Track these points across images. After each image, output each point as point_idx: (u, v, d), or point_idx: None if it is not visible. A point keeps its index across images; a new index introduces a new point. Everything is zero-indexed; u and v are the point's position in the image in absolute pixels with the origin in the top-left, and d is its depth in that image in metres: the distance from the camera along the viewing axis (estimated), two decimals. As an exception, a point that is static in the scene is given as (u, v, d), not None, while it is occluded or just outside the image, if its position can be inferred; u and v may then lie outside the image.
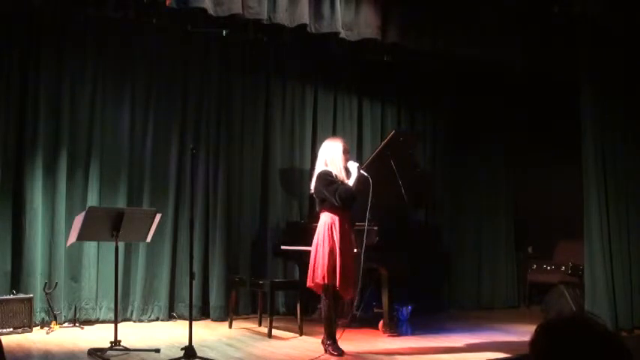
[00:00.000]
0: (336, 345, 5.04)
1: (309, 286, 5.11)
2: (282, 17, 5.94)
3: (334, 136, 6.17)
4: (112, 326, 5.08)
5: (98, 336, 5.61)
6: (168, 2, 5.52)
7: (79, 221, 4.99)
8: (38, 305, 6.01)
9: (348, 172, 5.13)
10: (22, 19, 6.21)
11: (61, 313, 6.15)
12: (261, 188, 7.28)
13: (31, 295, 5.90)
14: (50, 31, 6.32)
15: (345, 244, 5.00)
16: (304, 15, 6.00)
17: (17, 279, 6.04)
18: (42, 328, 5.96)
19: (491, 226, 8.41)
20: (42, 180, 6.15)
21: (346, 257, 4.99)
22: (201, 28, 6.51)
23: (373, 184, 5.07)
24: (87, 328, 6.12)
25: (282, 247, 6.69)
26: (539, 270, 8.06)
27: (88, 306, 6.34)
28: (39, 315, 6.04)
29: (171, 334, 5.91)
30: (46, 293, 6.05)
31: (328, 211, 5.06)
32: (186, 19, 6.38)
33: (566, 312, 6.34)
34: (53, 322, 5.99)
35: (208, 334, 5.99)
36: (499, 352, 5.21)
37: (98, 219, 5.03)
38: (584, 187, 6.32)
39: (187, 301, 5.47)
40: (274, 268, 7.17)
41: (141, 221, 5.25)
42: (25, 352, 5.04)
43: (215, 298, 6.83)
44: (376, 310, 6.66)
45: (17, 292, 5.88)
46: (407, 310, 6.78)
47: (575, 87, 6.43)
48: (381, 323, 6.11)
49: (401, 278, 6.21)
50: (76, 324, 6.15)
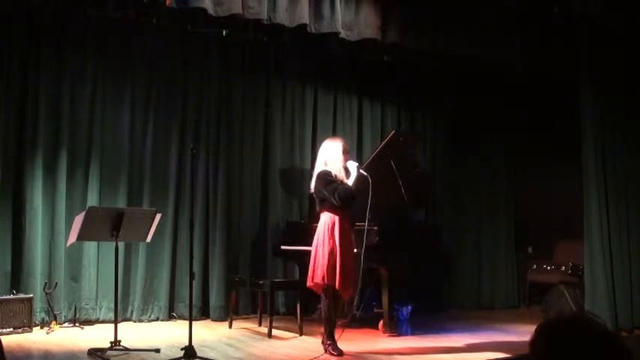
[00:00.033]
0: (336, 345, 5.04)
1: (309, 286, 5.11)
2: (282, 17, 5.94)
3: (334, 136, 6.18)
4: (112, 326, 5.08)
5: (98, 336, 5.61)
6: (168, 2, 5.52)
7: (79, 221, 4.99)
8: (38, 305, 6.01)
9: (347, 171, 5.13)
10: (22, 19, 6.21)
11: (61, 313, 6.15)
12: (261, 188, 7.28)
13: (31, 295, 5.90)
14: (50, 31, 6.32)
15: (345, 244, 5.00)
16: (304, 15, 6.00)
17: (17, 279, 6.04)
18: (42, 328, 5.96)
19: (491, 226, 8.41)
20: (42, 180, 6.15)
21: (346, 257, 4.98)
22: (201, 28, 6.51)
23: (373, 184, 5.07)
24: (87, 328, 6.12)
25: (282, 247, 6.69)
26: (539, 270, 8.06)
27: (88, 306, 6.34)
28: (39, 315, 6.04)
29: (171, 334, 5.91)
30: (46, 293, 6.05)
31: (328, 211, 5.06)
32: (186, 19, 6.38)
33: (566, 312, 6.34)
34: (53, 322, 5.99)
35: (208, 334, 5.99)
36: (499, 352, 5.21)
37: (98, 219, 5.03)
38: (584, 187, 6.33)
39: (187, 301, 5.47)
40: (274, 268, 7.17)
41: (141, 221, 5.25)
42: (25, 352, 5.04)
43: (215, 298, 6.83)
44: (376, 310, 6.66)
45: (17, 292, 5.88)
46: (407, 310, 6.78)
47: (575, 87, 6.43)
48: (381, 323, 6.10)
49: (401, 278, 6.21)
50: (76, 324, 6.15)
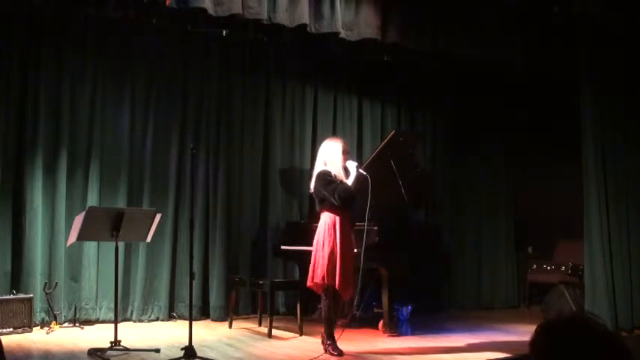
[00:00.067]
0: (336, 345, 5.04)
1: (309, 286, 5.11)
2: (282, 17, 5.94)
3: (334, 136, 6.17)
4: (112, 326, 5.08)
5: (98, 336, 5.61)
6: (168, 2, 5.52)
7: (79, 221, 4.99)
8: (38, 305, 6.01)
9: (347, 171, 5.13)
10: (22, 19, 6.21)
11: (61, 313, 6.15)
12: (261, 188, 7.28)
13: (31, 295, 5.90)
14: (50, 31, 6.32)
15: (345, 244, 5.00)
16: (304, 15, 6.00)
17: (17, 279, 6.04)
18: (42, 328, 5.96)
19: (491, 226, 8.41)
20: (42, 180, 6.15)
21: (346, 257, 4.98)
22: (201, 28, 6.51)
23: (373, 184, 5.06)
24: (87, 328, 6.12)
25: (282, 247, 6.69)
26: (539, 270, 8.06)
27: (88, 306, 6.34)
28: (39, 315, 6.04)
29: (171, 334, 5.91)
30: (46, 293, 6.05)
31: (328, 211, 5.06)
32: (186, 19, 6.38)
33: (566, 312, 6.34)
34: (53, 322, 5.99)
35: (208, 334, 5.99)
36: (499, 352, 5.21)
37: (98, 219, 5.03)
38: (584, 187, 6.32)
39: (187, 301, 5.47)
40: (274, 268, 7.17)
41: (141, 221, 5.25)
42: (25, 352, 5.04)
43: (215, 298, 6.83)
44: (376, 310, 6.66)
45: (17, 292, 5.88)
46: (407, 310, 6.78)
47: (575, 87, 6.43)
48: (381, 323, 6.10)
49: (401, 278, 6.21)
50: (76, 324, 6.15)
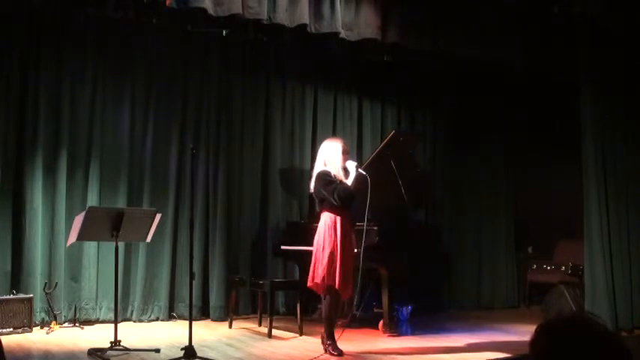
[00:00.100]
0: (336, 345, 5.04)
1: (310, 285, 5.11)
2: (282, 17, 5.94)
3: (334, 137, 6.18)
4: (112, 326, 5.08)
5: (98, 336, 5.60)
6: (168, 2, 5.52)
7: (79, 221, 4.99)
8: (38, 305, 6.01)
9: (346, 171, 5.14)
10: (22, 19, 6.20)
11: (61, 313, 6.15)
12: (261, 188, 7.28)
13: (31, 295, 5.90)
14: (50, 31, 6.32)
15: (345, 244, 5.00)
16: (304, 15, 6.00)
17: (17, 279, 6.04)
18: (42, 328, 5.96)
19: (491, 226, 8.41)
20: (42, 180, 6.15)
21: (347, 257, 4.98)
22: (201, 28, 6.51)
23: (373, 184, 5.06)
24: (87, 328, 6.12)
25: (282, 247, 6.69)
26: (539, 270, 8.06)
27: (88, 306, 6.34)
28: (39, 315, 6.04)
29: (171, 334, 5.91)
30: (46, 293, 6.05)
31: (328, 211, 5.06)
32: (186, 19, 6.38)
33: (566, 312, 6.34)
34: (53, 322, 5.99)
35: (208, 334, 5.99)
36: (499, 352, 5.21)
37: (98, 219, 5.03)
38: (584, 187, 6.32)
39: (187, 301, 5.47)
40: (274, 268, 7.17)
41: (141, 221, 5.25)
42: (25, 352, 5.04)
43: (215, 298, 6.83)
44: (376, 310, 6.65)
45: (17, 292, 5.88)
46: (407, 310, 6.78)
47: (575, 87, 6.43)
48: (381, 323, 6.10)
49: (401, 278, 6.21)
50: (76, 324, 6.15)
